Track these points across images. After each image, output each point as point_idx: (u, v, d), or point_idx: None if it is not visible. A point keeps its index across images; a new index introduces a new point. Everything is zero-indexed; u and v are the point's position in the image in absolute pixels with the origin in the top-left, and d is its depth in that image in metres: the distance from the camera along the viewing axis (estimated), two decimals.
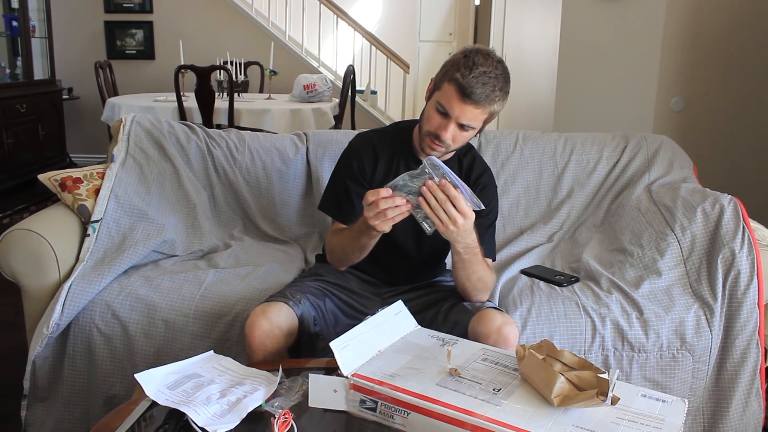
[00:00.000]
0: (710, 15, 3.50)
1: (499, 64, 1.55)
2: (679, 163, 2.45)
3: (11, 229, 1.92)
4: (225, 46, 5.59)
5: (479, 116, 1.56)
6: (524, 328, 1.84)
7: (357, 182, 1.73)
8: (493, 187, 1.81)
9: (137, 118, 2.36)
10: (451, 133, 1.58)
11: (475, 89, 1.51)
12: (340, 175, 1.78)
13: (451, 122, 1.56)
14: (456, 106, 1.54)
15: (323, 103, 4.60)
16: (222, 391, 1.27)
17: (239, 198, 2.37)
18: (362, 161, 1.74)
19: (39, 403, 1.91)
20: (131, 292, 1.89)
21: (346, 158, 1.78)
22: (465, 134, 1.60)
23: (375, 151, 1.75)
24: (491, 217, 1.77)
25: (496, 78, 1.53)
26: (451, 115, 1.55)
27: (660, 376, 1.88)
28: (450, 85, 1.54)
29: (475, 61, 1.52)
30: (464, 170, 1.78)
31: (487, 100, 1.53)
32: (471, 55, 1.54)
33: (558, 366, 1.27)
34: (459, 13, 7.59)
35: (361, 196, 1.65)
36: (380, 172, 1.75)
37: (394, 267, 1.82)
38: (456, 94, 1.53)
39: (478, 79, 1.51)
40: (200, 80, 4.01)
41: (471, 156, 1.81)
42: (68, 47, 6.13)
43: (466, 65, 1.52)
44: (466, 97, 1.52)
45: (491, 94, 1.53)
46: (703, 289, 1.95)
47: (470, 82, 1.51)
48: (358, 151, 1.76)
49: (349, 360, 1.31)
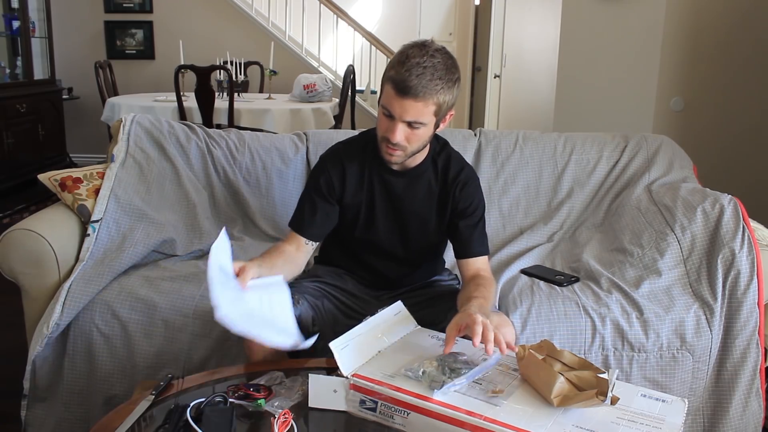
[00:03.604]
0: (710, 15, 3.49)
1: (437, 53, 1.48)
2: (679, 163, 2.45)
3: (11, 229, 1.92)
4: (225, 46, 5.58)
5: (423, 110, 1.49)
6: (524, 328, 1.84)
7: (324, 198, 1.69)
8: (473, 183, 1.73)
9: (137, 118, 2.36)
10: (400, 134, 1.51)
11: (410, 82, 1.45)
12: (308, 190, 1.73)
13: (397, 122, 1.50)
14: (396, 105, 1.48)
15: (323, 103, 4.60)
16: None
17: (239, 198, 2.37)
18: (330, 178, 1.69)
19: (39, 403, 1.91)
20: (131, 292, 1.89)
21: (316, 175, 1.72)
22: (418, 132, 1.53)
23: (343, 165, 1.69)
24: (478, 213, 1.72)
25: (434, 67, 1.46)
26: (394, 115, 1.49)
27: (660, 376, 1.87)
28: (387, 85, 1.50)
29: (408, 54, 1.47)
30: (440, 170, 1.71)
31: (425, 91, 1.46)
32: (405, 50, 1.49)
33: (558, 366, 1.27)
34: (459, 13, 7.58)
35: (327, 211, 1.67)
36: (351, 184, 1.69)
37: (386, 272, 1.80)
38: (393, 91, 1.48)
39: (412, 71, 1.45)
40: (200, 80, 4.01)
41: (445, 155, 1.72)
42: (68, 47, 6.13)
43: (399, 61, 1.48)
44: (404, 93, 1.46)
45: (429, 84, 1.46)
46: (703, 289, 1.95)
47: (403, 76, 1.45)
48: (326, 168, 1.70)
49: (348, 360, 1.31)
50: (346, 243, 1.78)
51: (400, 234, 1.74)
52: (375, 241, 1.73)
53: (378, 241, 1.73)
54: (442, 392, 1.21)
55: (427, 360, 1.32)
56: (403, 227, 1.73)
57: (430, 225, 1.74)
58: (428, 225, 1.73)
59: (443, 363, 1.29)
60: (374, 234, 1.73)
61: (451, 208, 1.71)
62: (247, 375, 1.45)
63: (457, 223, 1.70)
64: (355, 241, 1.75)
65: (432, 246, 1.80)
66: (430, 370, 1.27)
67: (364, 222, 1.72)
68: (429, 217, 1.73)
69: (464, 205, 1.70)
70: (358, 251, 1.78)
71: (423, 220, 1.73)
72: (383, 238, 1.73)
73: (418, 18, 7.27)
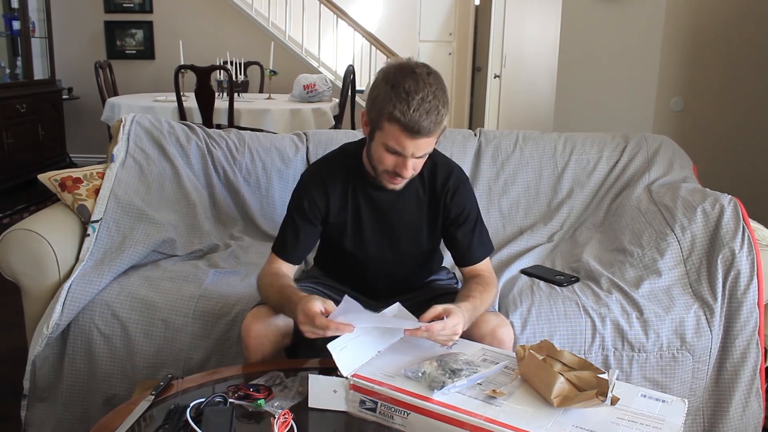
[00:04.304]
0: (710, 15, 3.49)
1: (429, 77, 1.43)
2: (679, 163, 2.45)
3: (11, 229, 1.92)
4: (225, 46, 5.58)
5: (432, 142, 1.48)
6: (524, 328, 1.84)
7: (308, 221, 1.64)
8: (463, 187, 1.68)
9: (137, 118, 2.36)
10: (410, 169, 1.49)
11: (422, 123, 1.40)
12: (290, 213, 1.68)
13: (407, 159, 1.47)
14: (408, 145, 1.44)
15: (323, 103, 4.60)
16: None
17: (239, 198, 2.37)
18: (313, 199, 1.64)
19: (39, 403, 1.91)
20: (131, 292, 1.89)
21: (298, 197, 1.67)
22: (423, 160, 1.53)
23: (325, 185, 1.64)
24: (472, 217, 1.68)
25: (435, 98, 1.41)
26: (405, 154, 1.46)
27: (660, 376, 1.87)
28: (392, 126, 1.43)
29: (407, 90, 1.39)
30: (427, 179, 1.66)
31: (436, 127, 1.43)
32: (399, 84, 1.41)
33: (558, 366, 1.27)
34: (459, 13, 7.58)
35: (311, 234, 1.66)
36: (334, 204, 1.65)
37: (379, 283, 1.77)
38: (402, 134, 1.42)
39: (420, 110, 1.39)
40: (200, 80, 4.01)
41: (430, 162, 1.64)
42: (68, 47, 6.13)
43: (399, 98, 1.40)
44: (416, 134, 1.42)
45: (437, 119, 1.42)
46: (703, 289, 1.95)
47: (414, 118, 1.39)
48: (308, 189, 1.65)
49: (347, 361, 1.31)
50: (338, 255, 1.76)
51: (390, 246, 1.70)
52: (365, 254, 1.71)
53: (368, 254, 1.70)
54: (442, 393, 1.21)
55: (427, 360, 1.32)
56: (393, 239, 1.70)
57: (422, 234, 1.71)
58: (420, 235, 1.70)
59: (443, 363, 1.29)
60: (364, 248, 1.70)
61: (443, 216, 1.68)
62: (247, 375, 1.45)
63: (454, 232, 1.67)
64: (346, 253, 1.72)
65: (425, 253, 1.77)
66: (429, 371, 1.27)
67: (352, 237, 1.69)
68: (420, 227, 1.70)
69: (457, 212, 1.67)
70: (350, 263, 1.75)
71: (414, 231, 1.70)
72: (373, 251, 1.70)
73: (418, 18, 7.27)
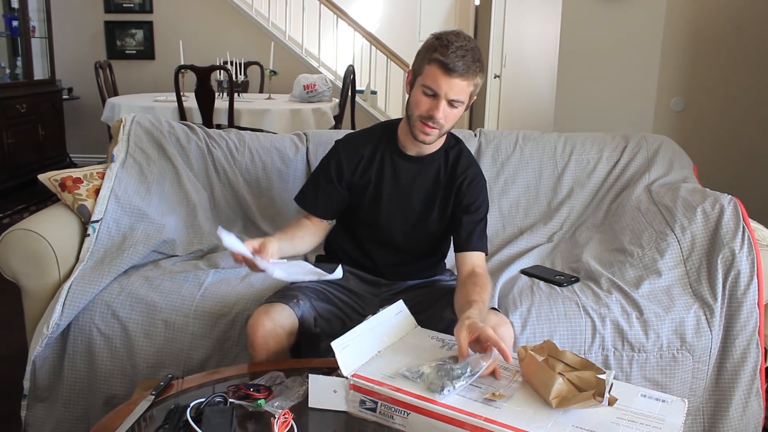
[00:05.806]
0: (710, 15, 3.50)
1: (471, 41, 1.63)
2: (679, 163, 2.45)
3: (11, 229, 1.92)
4: (225, 46, 5.58)
5: (466, 89, 1.62)
6: (524, 328, 1.84)
7: (330, 182, 1.79)
8: (480, 182, 1.82)
9: (137, 118, 2.36)
10: (443, 111, 1.62)
11: (458, 62, 1.57)
12: (317, 172, 1.86)
13: (441, 100, 1.61)
14: (443, 83, 1.59)
15: (323, 103, 4.60)
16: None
17: (239, 198, 2.37)
18: (341, 162, 1.80)
19: (39, 403, 1.91)
20: (131, 292, 1.89)
21: (328, 158, 1.84)
22: (455, 111, 1.65)
23: (356, 147, 1.81)
24: (481, 211, 1.79)
25: (472, 50, 1.60)
26: (439, 93, 1.60)
27: (660, 376, 1.87)
28: (432, 66, 1.60)
29: (449, 39, 1.59)
30: (450, 163, 1.80)
31: (470, 72, 1.60)
32: (443, 36, 1.61)
33: (560, 366, 1.27)
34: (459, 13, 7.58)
35: (332, 194, 1.80)
36: (362, 165, 1.79)
37: (384, 258, 1.84)
38: (440, 71, 1.59)
39: (457, 53, 1.57)
40: (200, 80, 4.01)
41: (458, 149, 1.83)
42: (68, 47, 6.13)
43: (441, 44, 1.59)
44: (452, 72, 1.58)
45: (472, 65, 1.60)
46: (703, 289, 1.95)
47: (451, 57, 1.57)
48: (338, 152, 1.82)
49: (349, 360, 1.31)
50: (349, 226, 1.86)
51: (401, 219, 1.80)
52: (377, 223, 1.81)
53: (379, 223, 1.80)
54: (441, 396, 1.21)
55: (426, 362, 1.32)
56: (406, 211, 1.80)
57: (432, 214, 1.79)
58: (431, 214, 1.79)
59: (442, 365, 1.29)
60: (377, 215, 1.80)
61: (455, 202, 1.78)
62: (247, 375, 1.45)
63: (461, 217, 1.77)
64: (357, 221, 1.83)
65: (431, 237, 1.84)
66: (428, 372, 1.27)
67: (370, 202, 1.80)
68: (432, 206, 1.79)
69: (469, 200, 1.77)
70: (358, 234, 1.85)
71: (426, 208, 1.79)
72: (385, 220, 1.80)
73: (418, 18, 7.27)
